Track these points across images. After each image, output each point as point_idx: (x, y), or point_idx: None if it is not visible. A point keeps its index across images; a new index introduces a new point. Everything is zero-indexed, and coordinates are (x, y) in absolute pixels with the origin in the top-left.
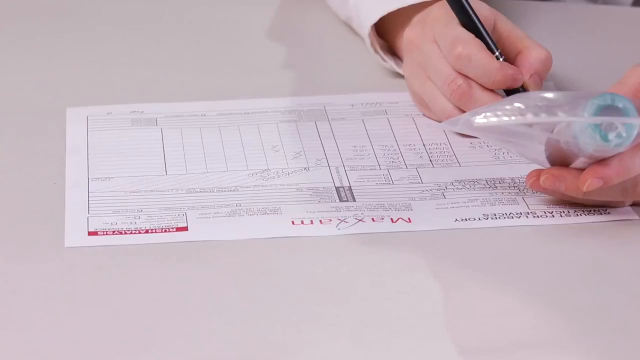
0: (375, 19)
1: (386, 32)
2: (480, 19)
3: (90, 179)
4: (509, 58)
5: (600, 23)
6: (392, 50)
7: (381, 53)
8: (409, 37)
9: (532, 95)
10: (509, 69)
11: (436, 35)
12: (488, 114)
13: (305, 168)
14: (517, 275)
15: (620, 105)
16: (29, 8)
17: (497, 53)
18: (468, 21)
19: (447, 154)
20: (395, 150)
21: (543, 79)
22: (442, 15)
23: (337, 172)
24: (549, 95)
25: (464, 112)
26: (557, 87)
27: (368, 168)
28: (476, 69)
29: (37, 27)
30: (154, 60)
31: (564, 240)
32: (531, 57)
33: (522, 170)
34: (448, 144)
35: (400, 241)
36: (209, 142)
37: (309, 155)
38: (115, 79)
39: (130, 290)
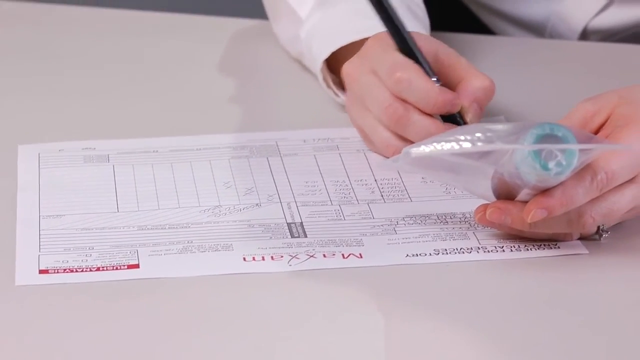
0: (327, 54)
1: (338, 66)
2: (420, 47)
3: (41, 217)
4: (451, 86)
5: (549, 57)
6: (343, 85)
7: (334, 88)
8: (347, 71)
9: (474, 127)
10: (448, 94)
11: (374, 63)
12: (424, 146)
13: (257, 204)
14: (467, 310)
15: (559, 134)
16: None
17: (434, 79)
18: (405, 46)
19: (398, 189)
20: (347, 185)
21: (483, 107)
22: (378, 44)
23: (289, 208)
24: (491, 126)
25: (403, 140)
26: (508, 120)
27: (320, 204)
28: (416, 93)
29: None
30: (105, 97)
31: (514, 275)
32: (472, 85)
33: (473, 205)
34: (399, 179)
35: (352, 277)
36: (161, 179)
37: (261, 191)
38: (67, 116)
39: (82, 328)
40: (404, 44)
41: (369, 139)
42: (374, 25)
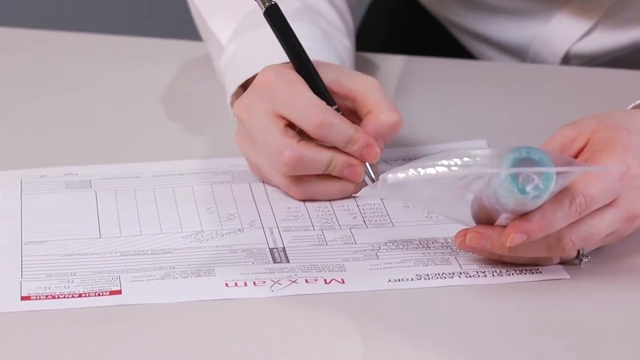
0: (234, 88)
1: None
2: (322, 77)
3: (23, 243)
4: (356, 115)
5: (530, 81)
6: None
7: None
8: (240, 107)
9: (451, 152)
10: (372, 144)
11: (276, 103)
12: (401, 172)
13: (239, 229)
14: (450, 336)
15: (536, 157)
16: None
17: (334, 107)
18: (307, 76)
19: (380, 214)
20: (329, 211)
21: (387, 142)
22: (280, 79)
23: (271, 233)
24: (468, 151)
25: (300, 182)
26: (490, 144)
27: (302, 229)
28: (339, 137)
29: None
30: (87, 122)
31: (496, 300)
32: (380, 121)
33: (454, 230)
34: (382, 204)
35: (334, 302)
36: (143, 204)
37: (243, 216)
38: (49, 142)
39: (64, 354)
40: (307, 74)
41: (264, 175)
42: (280, 56)
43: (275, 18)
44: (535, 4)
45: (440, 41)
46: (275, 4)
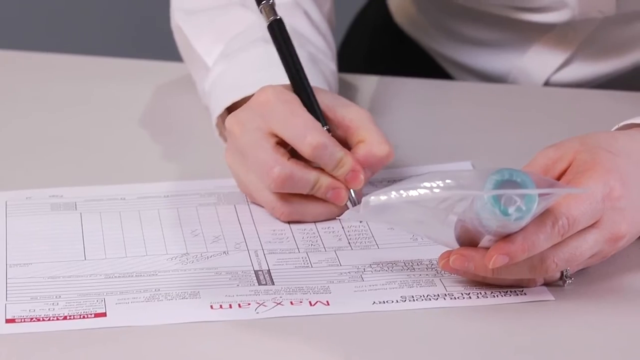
0: (220, 109)
1: None
2: (320, 102)
3: (8, 265)
4: (348, 142)
5: (512, 103)
6: None
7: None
8: (233, 121)
9: (434, 175)
10: (357, 170)
11: (272, 122)
12: (383, 195)
13: (224, 252)
14: (434, 358)
15: (518, 179)
16: None
17: (326, 128)
18: (307, 101)
19: (365, 236)
20: (314, 233)
21: (375, 172)
22: (277, 98)
23: (256, 255)
24: (451, 174)
25: (288, 200)
26: (474, 166)
27: (287, 251)
28: (330, 161)
29: None
30: (72, 144)
31: (481, 321)
32: (371, 152)
33: (439, 251)
34: (367, 226)
35: (319, 324)
36: (128, 226)
37: (228, 238)
38: (34, 163)
39: None
40: (304, 93)
41: (252, 195)
42: (271, 78)
43: (278, 33)
44: (513, 35)
45: (420, 63)
46: (280, 19)
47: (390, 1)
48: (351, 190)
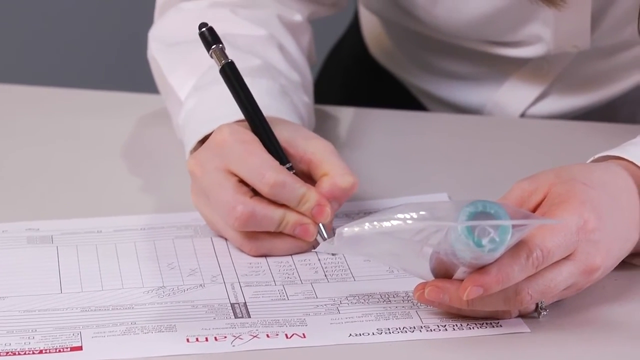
0: (192, 144)
1: None
2: (277, 134)
3: None
4: (311, 176)
5: (489, 134)
6: None
7: None
8: (193, 163)
9: (409, 206)
10: (323, 204)
11: (230, 162)
12: (356, 226)
13: (200, 285)
14: None
15: (492, 211)
16: None
17: (287, 165)
18: (262, 135)
19: (342, 268)
20: (290, 265)
21: (342, 204)
22: (234, 138)
23: (233, 288)
24: (426, 205)
25: (254, 238)
26: (451, 198)
27: (263, 284)
28: (292, 198)
29: None
30: (48, 177)
31: (457, 354)
32: (335, 185)
33: (415, 283)
34: (343, 258)
35: (295, 357)
36: (104, 259)
37: (205, 271)
38: (10, 196)
39: None
40: (261, 132)
41: (221, 233)
42: (238, 112)
43: (231, 75)
44: (488, 69)
45: (396, 96)
46: (232, 62)
47: (365, 34)
48: (320, 224)
